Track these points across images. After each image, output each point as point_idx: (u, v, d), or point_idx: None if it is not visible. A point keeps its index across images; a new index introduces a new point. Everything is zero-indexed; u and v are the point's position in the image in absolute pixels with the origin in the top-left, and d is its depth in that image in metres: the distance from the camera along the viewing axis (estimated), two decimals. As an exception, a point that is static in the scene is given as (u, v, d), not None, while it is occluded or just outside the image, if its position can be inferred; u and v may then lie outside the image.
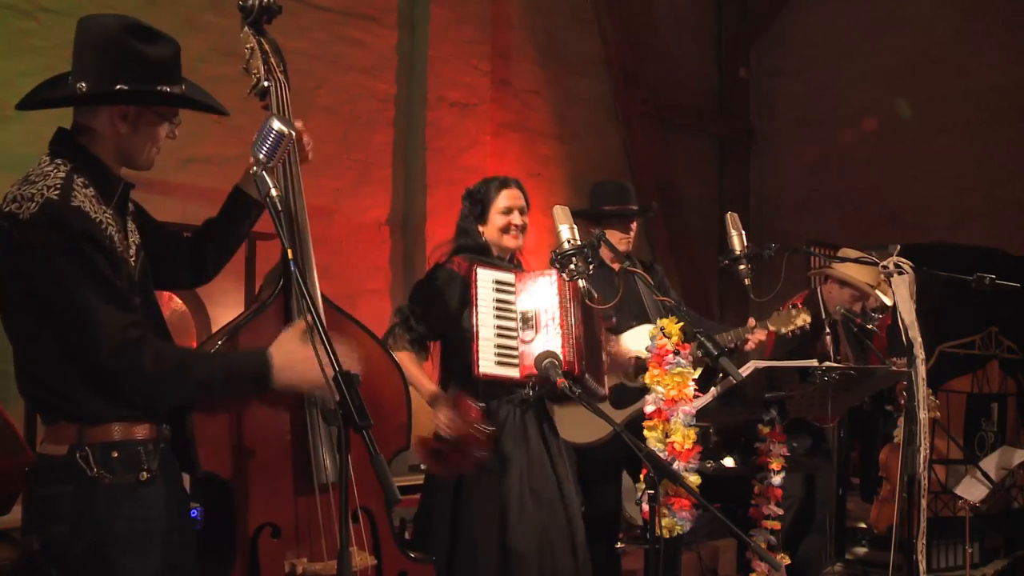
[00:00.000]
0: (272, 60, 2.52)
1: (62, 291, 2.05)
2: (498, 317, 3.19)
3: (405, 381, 2.71)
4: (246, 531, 2.34)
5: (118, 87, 2.15)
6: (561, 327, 3.15)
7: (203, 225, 2.58)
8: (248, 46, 2.51)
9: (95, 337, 2.06)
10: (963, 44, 8.09)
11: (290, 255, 2.19)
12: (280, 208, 2.21)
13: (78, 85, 2.16)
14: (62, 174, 2.10)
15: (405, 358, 3.22)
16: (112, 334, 2.06)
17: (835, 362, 4.39)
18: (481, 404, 3.22)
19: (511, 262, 3.53)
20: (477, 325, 3.16)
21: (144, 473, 2.15)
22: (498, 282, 3.24)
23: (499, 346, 3.17)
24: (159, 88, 2.19)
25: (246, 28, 2.52)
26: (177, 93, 2.24)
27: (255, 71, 2.51)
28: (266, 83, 2.50)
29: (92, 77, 2.15)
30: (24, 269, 2.07)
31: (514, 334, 3.19)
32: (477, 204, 3.48)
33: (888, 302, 4.72)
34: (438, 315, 3.34)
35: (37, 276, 2.06)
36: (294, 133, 2.39)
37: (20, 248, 2.06)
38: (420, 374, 3.31)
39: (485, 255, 3.44)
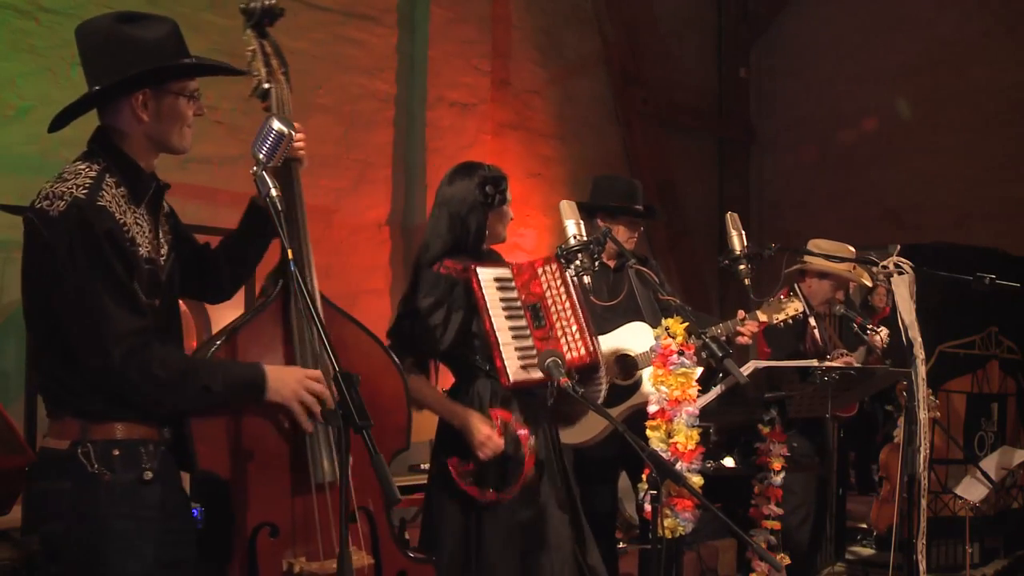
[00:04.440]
0: (274, 62, 2.54)
1: (77, 289, 2.09)
2: (509, 318, 2.94)
3: (405, 381, 2.62)
4: (244, 530, 2.34)
5: (125, 76, 2.17)
6: (576, 316, 2.96)
7: (221, 242, 2.58)
8: (250, 48, 2.53)
9: (104, 340, 2.09)
10: (963, 44, 8.09)
11: (290, 255, 2.20)
12: (280, 208, 2.22)
13: (93, 88, 2.20)
14: (93, 173, 2.15)
15: (421, 383, 2.99)
16: (121, 338, 2.10)
17: (829, 353, 4.40)
18: (520, 419, 2.95)
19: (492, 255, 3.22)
20: (494, 331, 2.89)
21: (147, 472, 2.16)
22: (498, 279, 3.00)
23: (519, 348, 2.93)
24: (163, 64, 2.21)
25: (248, 30, 2.53)
26: (178, 63, 2.24)
27: (256, 73, 2.53)
28: (267, 85, 2.53)
29: (102, 75, 2.18)
30: (49, 266, 2.11)
31: (527, 332, 2.96)
32: (505, 192, 3.13)
33: (868, 282, 4.74)
34: (442, 330, 2.98)
35: (59, 273, 2.10)
36: (294, 133, 2.40)
37: (47, 245, 2.10)
38: (443, 398, 3.04)
39: (476, 252, 3.11)
